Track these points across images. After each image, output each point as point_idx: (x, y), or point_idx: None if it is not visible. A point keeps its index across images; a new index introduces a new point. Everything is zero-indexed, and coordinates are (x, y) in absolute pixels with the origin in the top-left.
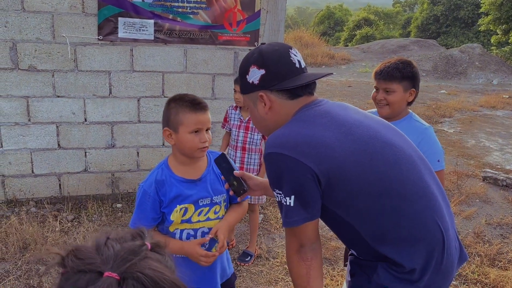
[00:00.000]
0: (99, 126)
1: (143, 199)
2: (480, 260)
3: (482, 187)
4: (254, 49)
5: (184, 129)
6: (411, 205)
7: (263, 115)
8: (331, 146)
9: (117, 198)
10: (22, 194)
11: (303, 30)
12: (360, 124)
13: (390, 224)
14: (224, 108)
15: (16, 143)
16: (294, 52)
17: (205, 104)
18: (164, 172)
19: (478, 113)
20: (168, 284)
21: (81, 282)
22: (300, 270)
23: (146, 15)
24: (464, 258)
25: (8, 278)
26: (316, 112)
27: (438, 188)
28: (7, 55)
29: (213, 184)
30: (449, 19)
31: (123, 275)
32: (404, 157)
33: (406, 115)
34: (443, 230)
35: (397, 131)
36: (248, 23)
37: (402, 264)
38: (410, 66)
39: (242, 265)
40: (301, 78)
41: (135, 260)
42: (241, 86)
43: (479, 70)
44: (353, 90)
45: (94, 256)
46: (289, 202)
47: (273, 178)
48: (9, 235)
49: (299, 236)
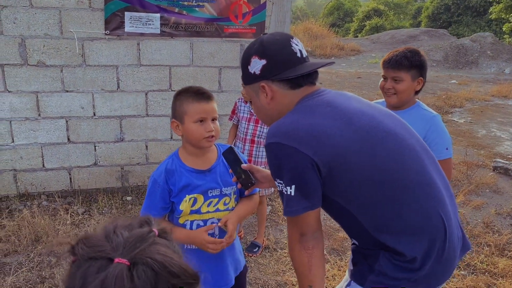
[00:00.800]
0: (108, 120)
1: (152, 188)
2: (489, 250)
3: (492, 177)
4: (255, 40)
5: (189, 119)
6: (413, 195)
7: (265, 105)
8: (332, 135)
9: (127, 191)
10: (33, 188)
11: (312, 21)
12: (362, 114)
13: (391, 214)
14: (231, 100)
15: (27, 138)
16: (295, 41)
17: (209, 94)
18: (175, 162)
19: (489, 103)
20: (176, 268)
21: (92, 269)
22: (302, 258)
23: (152, 9)
24: (467, 247)
25: (21, 270)
26: (317, 102)
27: (441, 178)
28: (16, 51)
29: (223, 176)
30: (461, 8)
31: (133, 261)
32: (406, 146)
33: (414, 104)
34: (445, 219)
35: (400, 121)
36: (253, 15)
37: (403, 253)
38: (418, 55)
39: (250, 256)
40: (302, 67)
41: (144, 246)
42: (243, 76)
43: (490, 59)
44: (362, 81)
45: (104, 244)
46: (290, 191)
47: (274, 167)
48: (22, 228)
49: (301, 225)
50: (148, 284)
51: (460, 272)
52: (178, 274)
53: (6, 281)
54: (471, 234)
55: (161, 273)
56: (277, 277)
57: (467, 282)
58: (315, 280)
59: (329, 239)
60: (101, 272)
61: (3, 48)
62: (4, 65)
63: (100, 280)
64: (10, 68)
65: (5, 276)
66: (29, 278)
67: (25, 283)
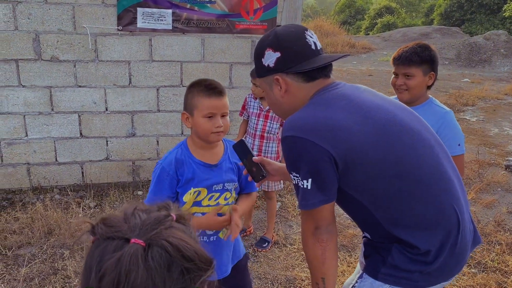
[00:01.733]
0: (119, 115)
1: (161, 177)
2: (500, 248)
3: (504, 176)
4: (269, 32)
5: (198, 113)
6: (427, 189)
7: (279, 98)
8: (349, 129)
9: (138, 185)
10: (46, 181)
11: (323, 19)
12: (378, 107)
13: (406, 207)
14: (242, 96)
15: (40, 132)
16: (310, 33)
17: (220, 89)
18: (184, 152)
19: (502, 102)
20: (191, 252)
21: (109, 248)
22: (315, 251)
23: (164, 5)
24: (477, 241)
25: (34, 261)
26: (333, 95)
27: (454, 172)
28: (30, 46)
29: (228, 172)
30: (474, 5)
31: (148, 242)
32: (421, 140)
33: (426, 100)
34: (459, 213)
35: (415, 115)
36: (265, 11)
37: (417, 246)
38: (428, 50)
39: (260, 251)
40: (317, 60)
41: (160, 229)
42: (257, 69)
43: (504, 58)
44: (373, 79)
45: (122, 224)
46: (306, 185)
47: (290, 161)
48: (35, 220)
49: (316, 218)
50: (161, 265)
51: (470, 270)
52: (191, 258)
53: (20, 272)
54: (482, 232)
55: (175, 256)
56: (287, 272)
57: (477, 280)
58: (328, 273)
59: (339, 236)
60: (117, 251)
61: (17, 43)
62: (18, 60)
63: (116, 258)
64: (24, 63)
65: (19, 267)
66: (42, 270)
67: (38, 274)
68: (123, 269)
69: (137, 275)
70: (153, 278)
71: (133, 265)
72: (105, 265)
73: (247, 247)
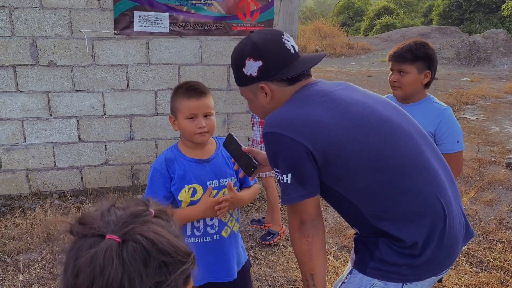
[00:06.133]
0: (118, 119)
1: (154, 177)
2: (502, 246)
3: (505, 174)
4: (244, 40)
5: (181, 115)
6: (410, 180)
7: (264, 105)
8: (326, 124)
9: (137, 189)
10: (45, 187)
11: (322, 21)
12: (357, 102)
13: (389, 199)
14: (240, 98)
15: (39, 137)
16: (286, 37)
17: (201, 90)
18: (174, 152)
19: (502, 100)
20: (167, 246)
21: (84, 245)
22: (302, 247)
23: (161, 8)
24: (470, 235)
25: (34, 267)
26: (312, 91)
27: (441, 164)
28: (27, 52)
29: (222, 167)
30: (472, 4)
31: (123, 238)
32: (402, 133)
33: (424, 97)
34: (445, 204)
35: (397, 108)
36: (262, 13)
37: (403, 239)
38: (424, 48)
39: (263, 243)
40: (299, 64)
41: (136, 224)
42: (238, 79)
43: (503, 56)
44: (373, 80)
45: (98, 221)
46: (287, 179)
47: (271, 156)
48: (34, 226)
49: (300, 213)
50: (137, 260)
51: (473, 268)
52: (168, 251)
53: (19, 278)
54: (484, 231)
55: (151, 250)
56: (287, 273)
57: (479, 278)
58: (316, 268)
59: (339, 236)
60: (93, 248)
61: (14, 49)
62: (16, 65)
63: (90, 255)
64: (22, 69)
65: (18, 273)
66: (41, 275)
67: (37, 280)
68: (97, 265)
69: (111, 270)
70: (129, 273)
71: (108, 260)
72: (80, 262)
73: (247, 249)
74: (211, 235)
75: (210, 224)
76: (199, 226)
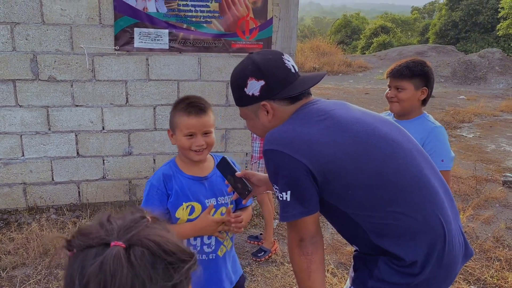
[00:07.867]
0: (116, 134)
1: (151, 193)
2: (499, 264)
3: (502, 192)
4: (245, 61)
5: (179, 132)
6: (409, 197)
7: (265, 124)
8: (326, 142)
9: (134, 204)
10: (42, 201)
11: (320, 39)
12: (356, 121)
13: (389, 217)
14: (238, 114)
15: (37, 151)
16: (286, 58)
17: (201, 108)
18: (172, 168)
19: (498, 118)
20: (172, 246)
21: (89, 256)
22: (301, 264)
23: (161, 25)
24: (469, 254)
25: (29, 282)
26: (312, 110)
27: (440, 183)
28: (28, 67)
29: (219, 185)
30: (468, 24)
31: (128, 243)
32: (401, 150)
33: (420, 115)
34: (444, 223)
35: (396, 126)
36: (260, 31)
37: (402, 257)
38: (422, 65)
39: (254, 259)
40: (300, 83)
41: (138, 229)
42: (239, 99)
43: (499, 75)
44: (370, 97)
45: (99, 230)
46: (286, 197)
47: (271, 173)
48: (30, 241)
49: (299, 230)
50: (145, 263)
51: (470, 286)
52: (173, 251)
53: None
54: (481, 249)
55: (157, 252)
56: None
57: None
58: (315, 286)
59: (337, 253)
60: (99, 256)
61: (15, 64)
62: (16, 80)
63: (99, 263)
64: (22, 83)
65: None
66: None
67: None
68: (107, 272)
69: (122, 276)
70: (139, 277)
71: (117, 266)
72: (88, 271)
73: (243, 266)
74: (207, 254)
75: (207, 243)
76: (196, 243)
